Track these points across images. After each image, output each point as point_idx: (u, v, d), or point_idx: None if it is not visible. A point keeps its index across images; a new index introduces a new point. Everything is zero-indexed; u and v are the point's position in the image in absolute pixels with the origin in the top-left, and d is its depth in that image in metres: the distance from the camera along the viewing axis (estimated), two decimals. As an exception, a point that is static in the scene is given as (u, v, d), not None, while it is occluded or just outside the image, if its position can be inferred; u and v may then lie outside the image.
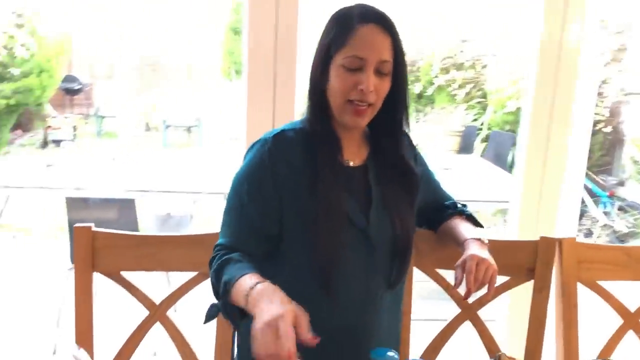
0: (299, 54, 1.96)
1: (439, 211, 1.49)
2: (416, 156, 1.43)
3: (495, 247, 1.36)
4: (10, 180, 3.47)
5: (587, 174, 5.27)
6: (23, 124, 8.55)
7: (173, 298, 1.47)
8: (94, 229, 1.43)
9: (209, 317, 1.22)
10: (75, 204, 2.98)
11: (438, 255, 1.54)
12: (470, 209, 1.50)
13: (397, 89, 1.29)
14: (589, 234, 5.66)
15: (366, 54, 1.22)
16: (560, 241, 1.55)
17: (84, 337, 1.42)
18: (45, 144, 8.41)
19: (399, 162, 1.36)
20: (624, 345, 1.57)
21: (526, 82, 2.19)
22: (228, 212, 1.28)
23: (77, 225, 1.41)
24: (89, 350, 1.42)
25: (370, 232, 1.30)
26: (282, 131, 1.31)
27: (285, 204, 1.26)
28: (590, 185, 5.68)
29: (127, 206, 3.00)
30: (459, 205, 1.49)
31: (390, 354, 1.14)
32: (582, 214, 5.67)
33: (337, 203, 1.26)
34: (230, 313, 1.15)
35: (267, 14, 1.92)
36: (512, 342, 1.66)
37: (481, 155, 6.84)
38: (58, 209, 3.28)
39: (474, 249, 1.29)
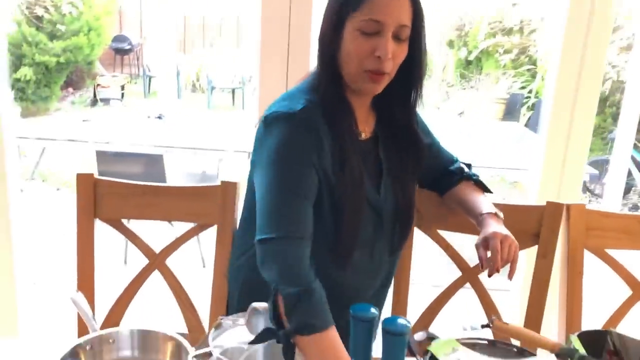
0: (314, 16, 1.93)
1: (445, 176, 1.45)
2: (418, 122, 1.38)
3: (500, 210, 1.32)
4: (50, 134, 3.57)
5: (636, 146, 5.04)
6: (74, 82, 8.81)
7: (172, 247, 1.50)
8: (96, 176, 1.47)
9: (258, 340, 1.08)
10: (105, 158, 3.07)
11: (440, 216, 1.51)
12: (484, 172, 1.46)
13: (414, 55, 1.21)
14: (634, 208, 5.46)
15: (384, 17, 1.13)
16: (568, 206, 1.49)
17: (85, 282, 1.47)
18: (95, 102, 8.65)
19: (407, 132, 1.31)
20: (632, 317, 1.51)
21: (555, 43, 2.08)
22: (271, 197, 1.13)
23: (79, 172, 1.45)
24: (90, 295, 1.46)
25: (380, 205, 1.28)
26: (306, 104, 1.18)
27: (319, 179, 1.19)
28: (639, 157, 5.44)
29: (155, 161, 3.07)
30: (465, 170, 1.45)
31: (373, 310, 1.13)
32: (629, 188, 5.46)
33: (359, 183, 1.22)
34: (287, 349, 1.05)
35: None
36: (525, 311, 1.61)
37: (525, 124, 6.64)
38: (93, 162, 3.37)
39: (494, 226, 1.26)
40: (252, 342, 1.06)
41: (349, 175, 1.19)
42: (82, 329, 1.36)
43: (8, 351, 1.25)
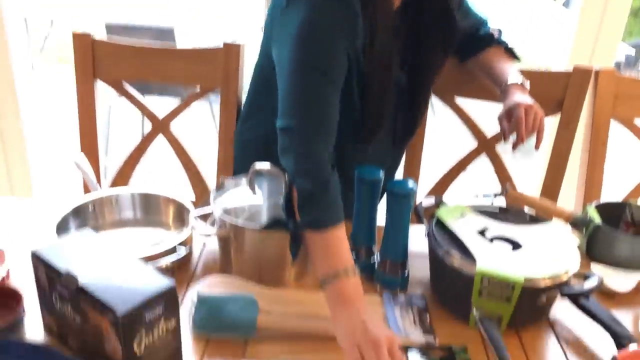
0: None
1: (472, 39, 1.33)
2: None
3: (524, 77, 1.23)
4: (60, 7, 3.45)
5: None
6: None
7: (175, 113, 1.45)
8: (94, 37, 1.39)
9: (267, 228, 1.03)
10: (114, 31, 2.97)
11: (459, 84, 1.42)
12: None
13: None
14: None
15: None
16: (597, 72, 1.38)
17: (88, 145, 1.44)
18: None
19: (441, 10, 1.17)
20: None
21: None
22: (296, 81, 1.00)
23: (75, 32, 1.37)
24: (94, 157, 1.45)
25: (402, 82, 1.20)
26: None
27: (349, 58, 1.06)
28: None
29: (166, 35, 2.97)
30: (495, 36, 1.33)
31: (378, 172, 1.09)
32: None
33: (389, 61, 1.11)
34: (294, 240, 1.03)
35: None
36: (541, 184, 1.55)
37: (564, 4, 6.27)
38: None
39: (517, 96, 1.18)
40: (262, 229, 1.02)
41: (379, 52, 1.08)
42: (88, 192, 1.35)
43: (24, 210, 1.27)
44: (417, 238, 1.14)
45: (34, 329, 0.92)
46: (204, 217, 1.11)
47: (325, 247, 0.94)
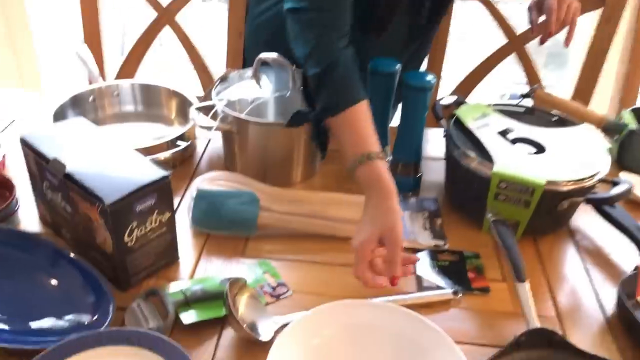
0: None
1: None
2: None
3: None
4: None
5: None
6: None
7: (181, 2, 1.36)
8: None
9: (291, 123, 0.95)
10: None
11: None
12: None
13: None
14: None
15: None
16: (647, -40, 1.24)
17: (91, 35, 1.37)
18: None
19: None
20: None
21: None
22: None
23: None
24: (98, 49, 1.38)
25: None
26: None
27: None
28: None
29: None
30: None
31: (394, 64, 1.00)
32: None
33: None
34: (318, 131, 0.97)
35: None
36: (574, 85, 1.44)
37: None
38: None
39: None
40: (287, 125, 0.94)
41: None
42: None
43: (32, 103, 1.24)
44: (434, 142, 1.07)
45: (29, 219, 0.89)
46: (207, 111, 1.04)
47: (351, 127, 0.85)
